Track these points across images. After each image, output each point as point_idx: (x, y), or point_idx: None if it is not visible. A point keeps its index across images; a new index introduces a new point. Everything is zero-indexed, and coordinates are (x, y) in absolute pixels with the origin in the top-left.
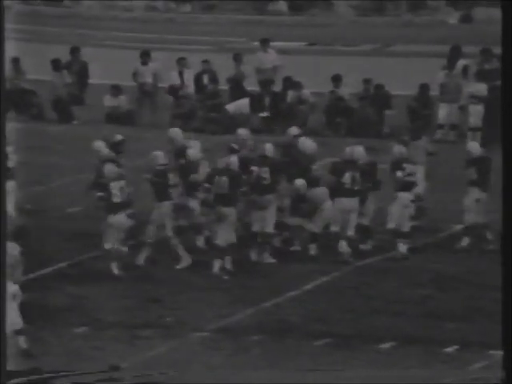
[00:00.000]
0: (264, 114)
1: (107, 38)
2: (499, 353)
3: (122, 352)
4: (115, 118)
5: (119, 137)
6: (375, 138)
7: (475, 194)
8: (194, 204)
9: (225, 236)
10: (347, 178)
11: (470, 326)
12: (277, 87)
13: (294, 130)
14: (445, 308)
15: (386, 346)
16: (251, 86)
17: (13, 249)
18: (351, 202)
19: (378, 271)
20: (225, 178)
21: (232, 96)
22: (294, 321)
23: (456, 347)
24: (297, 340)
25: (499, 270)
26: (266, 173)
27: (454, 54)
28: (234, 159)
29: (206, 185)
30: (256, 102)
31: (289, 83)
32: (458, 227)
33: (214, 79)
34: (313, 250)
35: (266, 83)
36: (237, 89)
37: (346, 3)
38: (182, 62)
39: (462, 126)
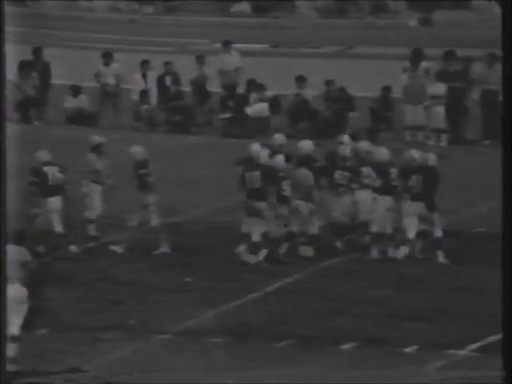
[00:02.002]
0: (226, 116)
1: (69, 38)
2: (458, 352)
3: (85, 354)
4: (77, 118)
5: (100, 139)
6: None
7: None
8: None
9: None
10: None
11: (430, 327)
12: (240, 89)
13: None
14: (405, 309)
15: (347, 346)
16: (214, 87)
17: None
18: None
19: (340, 272)
20: (257, 173)
21: (195, 98)
22: (257, 322)
23: (415, 347)
24: (259, 342)
25: (460, 270)
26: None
27: (416, 56)
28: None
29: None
30: (222, 104)
31: (252, 85)
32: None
33: (176, 81)
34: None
35: (229, 85)
36: (200, 91)
37: (309, 5)
38: (145, 65)
39: (427, 127)
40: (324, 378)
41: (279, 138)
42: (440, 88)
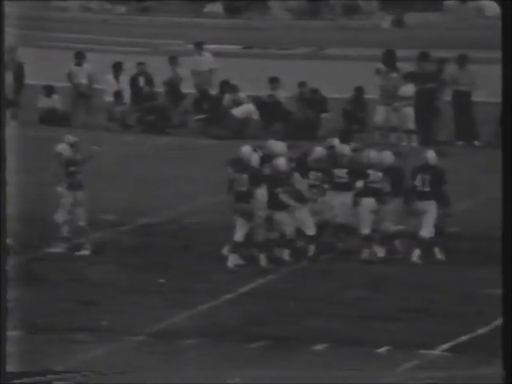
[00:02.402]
0: (201, 117)
1: (42, 38)
2: (430, 352)
3: (57, 356)
4: (49, 119)
5: (73, 139)
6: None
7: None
8: None
9: (243, 232)
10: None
11: (403, 327)
12: (213, 90)
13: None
14: (379, 309)
15: (320, 347)
16: (188, 89)
17: None
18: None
19: (314, 273)
20: (245, 176)
21: (169, 99)
22: (231, 324)
23: (388, 348)
24: (233, 343)
25: (433, 270)
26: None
27: (389, 58)
28: (281, 160)
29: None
30: (195, 105)
31: (225, 86)
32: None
33: (149, 81)
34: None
35: (202, 86)
36: (173, 91)
37: (282, 7)
38: (117, 65)
39: (399, 128)
40: (297, 379)
41: (276, 144)
42: (409, 89)
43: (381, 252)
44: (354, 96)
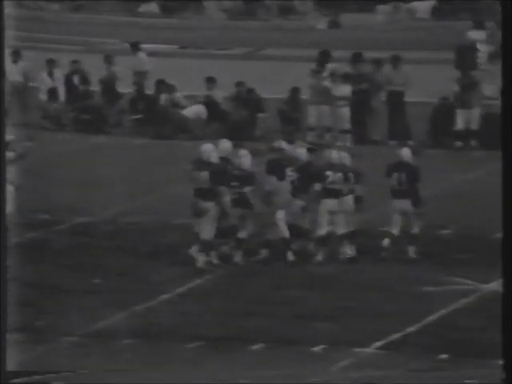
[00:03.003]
0: (137, 117)
1: None
2: (364, 350)
3: None
4: None
5: (8, 137)
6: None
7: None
8: None
9: (209, 230)
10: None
11: (338, 326)
12: (150, 90)
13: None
14: (315, 308)
15: (256, 347)
16: (124, 88)
17: None
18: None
19: (251, 273)
20: (206, 173)
21: (104, 98)
22: (167, 324)
23: (323, 346)
24: (169, 343)
25: (367, 269)
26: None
27: (323, 58)
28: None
29: None
30: (131, 104)
31: (161, 86)
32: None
33: (84, 80)
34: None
35: (138, 86)
36: (109, 90)
37: (218, 7)
38: (51, 63)
39: (334, 128)
40: (233, 378)
41: (225, 144)
42: (346, 89)
43: (321, 255)
44: (289, 96)
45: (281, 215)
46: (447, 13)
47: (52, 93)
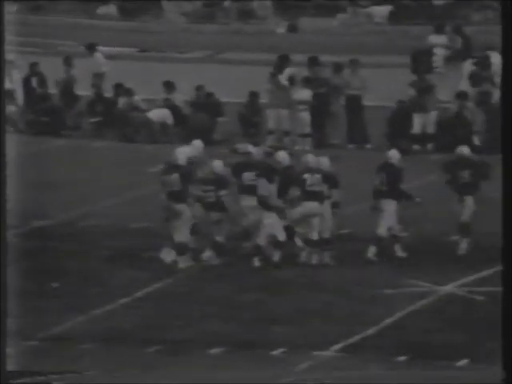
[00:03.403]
0: (96, 119)
1: None
2: (323, 353)
3: None
4: None
5: None
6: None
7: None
8: None
9: (183, 232)
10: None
11: (298, 329)
12: (108, 93)
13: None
14: (274, 312)
15: (216, 350)
16: (83, 90)
17: None
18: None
19: (211, 277)
20: (176, 175)
21: (63, 100)
22: (126, 328)
23: (283, 350)
24: (128, 347)
25: (326, 272)
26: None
27: (282, 62)
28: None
29: None
30: (89, 107)
31: (120, 89)
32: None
33: (43, 82)
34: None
35: (96, 88)
36: (68, 93)
37: (177, 10)
38: (9, 65)
39: (293, 132)
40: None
41: (198, 145)
42: (306, 94)
43: (277, 256)
44: (249, 100)
45: (271, 219)
46: (404, 17)
47: (10, 95)
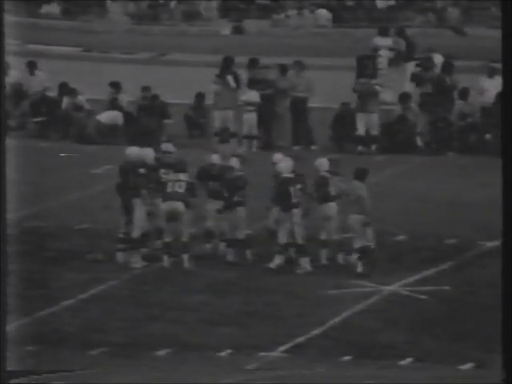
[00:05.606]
0: (40, 119)
1: None
2: (269, 354)
3: None
4: None
5: None
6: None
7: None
8: None
9: (138, 228)
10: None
11: (243, 330)
12: (52, 93)
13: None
14: (220, 313)
15: (161, 352)
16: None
17: None
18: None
19: (155, 279)
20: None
21: (10, 100)
22: (70, 330)
23: (229, 351)
24: (72, 350)
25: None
26: None
27: (227, 64)
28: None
29: None
30: (33, 107)
31: (64, 89)
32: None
33: None
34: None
35: (40, 88)
36: (12, 93)
37: (122, 11)
38: None
39: (239, 133)
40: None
41: (168, 146)
42: (253, 95)
43: (231, 257)
44: (195, 102)
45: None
46: (348, 20)
47: None
